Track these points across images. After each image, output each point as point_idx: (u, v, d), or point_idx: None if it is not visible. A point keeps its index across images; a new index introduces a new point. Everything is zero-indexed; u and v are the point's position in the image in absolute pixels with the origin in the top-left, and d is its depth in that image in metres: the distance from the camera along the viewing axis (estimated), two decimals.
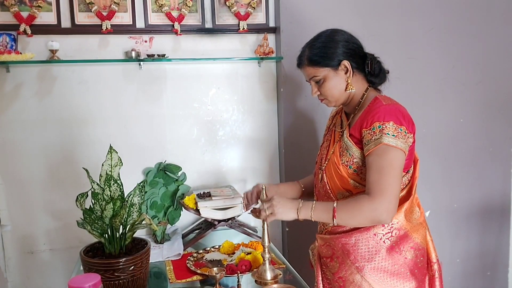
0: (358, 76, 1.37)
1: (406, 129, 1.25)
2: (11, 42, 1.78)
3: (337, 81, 1.36)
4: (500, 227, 2.48)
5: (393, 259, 1.29)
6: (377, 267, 1.29)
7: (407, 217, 1.32)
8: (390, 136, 1.22)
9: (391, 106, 1.28)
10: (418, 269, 1.33)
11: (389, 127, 1.23)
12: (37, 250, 1.95)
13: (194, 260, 1.67)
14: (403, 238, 1.30)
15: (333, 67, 1.34)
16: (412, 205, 1.35)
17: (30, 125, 1.88)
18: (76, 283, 1.01)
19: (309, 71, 1.39)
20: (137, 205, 1.36)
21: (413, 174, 1.37)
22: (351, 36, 1.39)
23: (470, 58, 2.31)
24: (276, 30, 2.06)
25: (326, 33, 1.40)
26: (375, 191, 1.21)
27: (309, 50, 1.39)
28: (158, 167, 1.98)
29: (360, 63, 1.37)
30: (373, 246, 1.29)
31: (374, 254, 1.29)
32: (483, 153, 2.40)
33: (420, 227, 1.35)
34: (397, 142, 1.22)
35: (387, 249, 1.29)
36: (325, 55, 1.35)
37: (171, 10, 1.93)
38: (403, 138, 1.23)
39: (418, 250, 1.33)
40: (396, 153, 1.23)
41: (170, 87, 2.01)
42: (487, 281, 2.50)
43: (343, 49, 1.35)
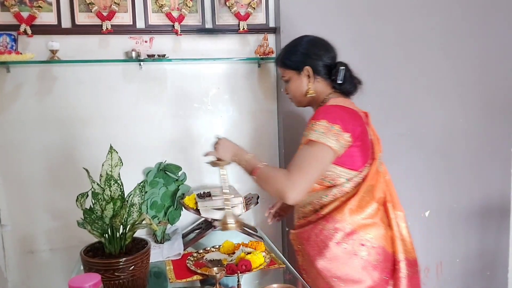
0: (322, 82, 1.49)
1: (340, 127, 1.31)
2: (12, 42, 1.78)
3: (299, 84, 1.50)
4: (500, 227, 2.48)
5: (341, 254, 1.37)
6: (326, 261, 1.38)
7: (352, 215, 1.38)
8: (318, 132, 1.31)
9: (331, 107, 1.39)
10: (372, 266, 1.37)
11: (321, 124, 1.32)
12: (37, 249, 1.95)
13: (194, 260, 1.67)
14: (349, 234, 1.37)
15: (297, 71, 1.49)
16: (362, 204, 1.39)
17: (30, 125, 1.88)
18: (76, 283, 1.01)
19: (280, 71, 1.57)
20: (137, 205, 1.36)
21: (367, 173, 1.41)
22: (324, 45, 1.51)
23: (470, 58, 2.31)
24: (276, 30, 2.06)
25: (300, 39, 1.53)
26: (294, 169, 1.32)
27: (284, 52, 1.54)
28: (158, 167, 1.98)
29: (327, 70, 1.48)
30: (321, 241, 1.39)
31: (322, 249, 1.39)
32: (483, 153, 2.40)
33: (373, 225, 1.40)
34: (325, 139, 1.30)
35: (334, 244, 1.37)
36: (292, 59, 1.50)
37: (171, 11, 1.93)
38: (334, 136, 1.31)
39: (372, 248, 1.38)
40: (321, 148, 1.31)
41: (170, 87, 2.01)
42: (487, 281, 2.50)
43: (310, 56, 1.47)
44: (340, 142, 1.32)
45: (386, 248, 1.40)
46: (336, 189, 1.41)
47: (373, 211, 1.41)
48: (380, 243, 1.39)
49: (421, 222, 2.36)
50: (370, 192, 1.41)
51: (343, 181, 1.40)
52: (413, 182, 2.31)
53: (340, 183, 1.41)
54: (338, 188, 1.41)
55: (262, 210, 2.15)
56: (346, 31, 2.12)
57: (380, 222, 1.41)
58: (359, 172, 1.41)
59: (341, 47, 2.12)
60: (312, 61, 1.46)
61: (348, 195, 1.40)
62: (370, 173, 1.41)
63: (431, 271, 2.41)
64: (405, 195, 2.29)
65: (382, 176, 1.47)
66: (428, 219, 2.37)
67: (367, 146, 1.43)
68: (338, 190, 1.41)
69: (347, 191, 1.41)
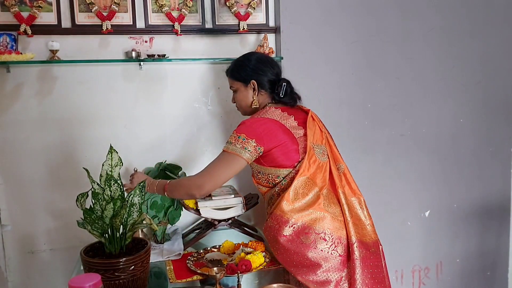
0: (265, 95, 1.67)
1: (245, 136, 1.51)
2: (12, 42, 1.78)
3: (245, 95, 1.68)
4: (500, 227, 2.48)
5: (290, 246, 1.47)
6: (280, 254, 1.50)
7: (290, 206, 1.49)
8: (228, 143, 1.53)
9: (247, 120, 1.58)
10: (321, 252, 1.46)
11: (232, 136, 1.54)
12: (37, 250, 1.95)
13: (194, 260, 1.67)
14: (292, 225, 1.48)
15: (244, 84, 1.67)
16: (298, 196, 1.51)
17: (30, 125, 1.88)
18: (76, 283, 1.01)
19: (229, 81, 1.73)
20: (137, 205, 1.36)
21: (299, 168, 1.53)
22: (269, 63, 1.68)
23: (470, 58, 2.31)
24: (276, 30, 2.07)
25: (249, 55, 1.71)
26: (198, 173, 1.57)
27: (234, 65, 1.72)
28: (158, 167, 1.98)
29: (271, 85, 1.65)
30: (273, 236, 1.51)
31: (274, 244, 1.51)
32: (483, 153, 2.40)
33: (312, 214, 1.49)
34: (233, 148, 1.51)
35: (282, 238, 1.47)
36: (240, 72, 1.67)
37: (171, 11, 1.93)
38: (240, 144, 1.51)
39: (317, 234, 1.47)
40: (229, 157, 1.52)
41: (170, 87, 2.01)
42: (487, 281, 2.50)
43: (256, 71, 1.64)
44: (245, 149, 1.50)
45: (334, 233, 1.49)
46: (277, 188, 1.58)
47: (312, 201, 1.51)
48: (325, 230, 1.48)
49: (421, 222, 2.36)
50: (308, 183, 1.52)
51: (280, 179, 1.57)
52: (413, 182, 2.32)
53: (278, 181, 1.57)
54: (278, 186, 1.58)
55: (262, 210, 2.16)
56: (346, 31, 2.12)
57: (320, 211, 1.50)
58: (293, 168, 1.55)
59: (341, 46, 2.14)
60: (258, 76, 1.64)
61: (283, 190, 1.55)
62: (302, 167, 1.52)
63: (431, 271, 2.41)
64: (405, 195, 2.31)
65: (326, 165, 1.58)
66: (428, 219, 2.37)
67: (292, 143, 1.55)
68: (278, 188, 1.58)
69: (284, 187, 1.55)
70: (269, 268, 1.60)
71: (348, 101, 2.17)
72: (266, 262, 1.60)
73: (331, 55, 2.11)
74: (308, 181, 1.53)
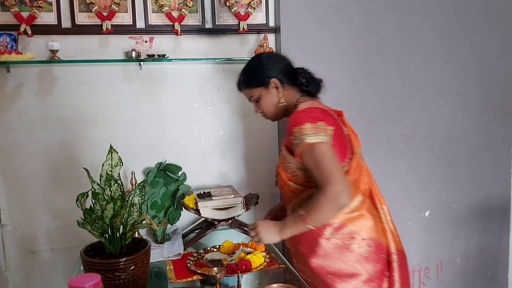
0: (290, 90, 1.54)
1: (324, 123, 1.36)
2: (12, 42, 1.78)
3: (270, 98, 1.54)
4: (500, 227, 2.48)
5: (333, 250, 1.39)
6: (319, 258, 1.40)
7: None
8: (310, 135, 1.34)
9: (304, 110, 1.42)
10: (365, 259, 1.39)
11: (306, 127, 1.35)
12: (37, 250, 1.95)
13: (194, 260, 1.67)
14: (338, 229, 1.39)
15: (264, 86, 1.53)
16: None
17: (30, 125, 1.88)
18: (76, 283, 1.01)
19: (246, 93, 1.60)
20: (138, 205, 1.37)
21: (348, 169, 1.42)
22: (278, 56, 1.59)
23: (470, 58, 2.31)
24: (276, 30, 2.07)
25: (256, 58, 1.62)
26: (322, 183, 1.32)
27: (243, 75, 1.60)
28: (158, 167, 1.99)
29: (290, 78, 1.54)
30: (312, 239, 1.41)
31: (314, 247, 1.41)
32: (483, 153, 2.40)
33: (361, 218, 1.41)
34: (318, 138, 1.33)
35: (325, 241, 1.39)
36: (256, 77, 1.55)
37: (171, 11, 1.93)
38: (324, 131, 1.34)
39: (363, 240, 1.40)
40: (322, 146, 1.33)
41: (171, 87, 2.01)
42: (487, 281, 2.50)
43: (270, 69, 1.53)
44: (328, 135, 1.35)
45: (376, 239, 1.42)
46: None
47: (359, 204, 1.43)
48: (370, 235, 1.41)
49: (421, 222, 2.36)
50: (354, 185, 1.42)
51: None
52: (413, 182, 2.32)
53: None
54: None
55: (262, 210, 2.16)
56: (346, 31, 2.12)
57: (367, 214, 1.43)
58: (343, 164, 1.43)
59: (341, 46, 2.14)
60: (275, 73, 1.53)
61: None
62: (351, 167, 1.43)
63: (431, 271, 2.41)
64: (405, 195, 2.31)
65: (364, 169, 1.51)
66: (428, 219, 2.37)
67: (344, 142, 1.45)
68: None
69: None
70: (269, 268, 1.60)
71: (348, 101, 2.16)
72: (266, 262, 1.61)
73: (331, 55, 2.11)
74: (355, 183, 1.44)
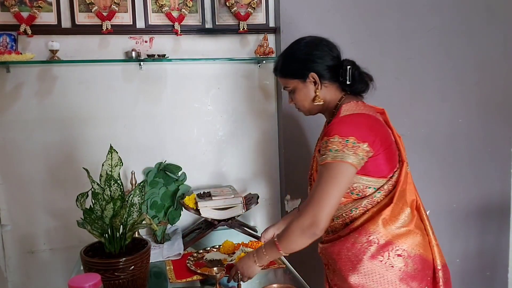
0: (331, 86, 1.36)
1: (355, 139, 1.20)
2: (12, 43, 1.78)
3: (306, 93, 1.36)
4: (500, 227, 2.48)
5: (377, 268, 1.26)
6: (360, 276, 1.27)
7: (387, 226, 1.27)
8: (333, 152, 1.21)
9: (342, 118, 1.27)
10: (410, 277, 1.27)
11: (334, 141, 1.21)
12: (37, 249, 1.95)
13: (194, 260, 1.67)
14: (384, 246, 1.26)
15: (302, 79, 1.35)
16: (396, 212, 1.29)
17: (30, 125, 1.88)
18: (76, 283, 1.01)
19: (282, 81, 1.42)
20: (137, 205, 1.37)
21: (397, 178, 1.31)
22: (325, 46, 1.37)
23: (470, 58, 2.31)
24: (276, 30, 2.06)
25: (298, 43, 1.40)
26: (305, 207, 1.24)
27: (282, 60, 1.41)
28: (158, 167, 1.98)
29: (333, 73, 1.35)
30: (354, 255, 1.28)
31: (356, 264, 1.27)
32: (482, 153, 2.40)
33: (409, 234, 1.29)
34: (342, 156, 1.20)
35: (369, 258, 1.26)
36: (294, 68, 1.36)
37: (171, 11, 1.93)
38: (351, 150, 1.20)
39: (409, 257, 1.27)
40: (340, 167, 1.20)
41: (170, 87, 2.01)
42: (487, 281, 2.50)
43: (313, 61, 1.34)
44: (358, 155, 1.21)
45: (423, 256, 1.30)
46: (367, 200, 1.29)
47: (408, 218, 1.30)
48: (417, 251, 1.28)
49: None
50: (402, 197, 1.30)
51: (372, 191, 1.29)
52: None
53: (369, 193, 1.29)
54: (368, 199, 1.29)
55: (262, 210, 2.16)
56: (346, 31, 2.12)
57: (415, 229, 1.30)
58: (388, 179, 1.30)
59: (341, 46, 2.12)
60: (316, 66, 1.33)
61: (379, 205, 1.29)
62: (401, 178, 1.29)
63: None
64: None
65: (410, 177, 1.37)
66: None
67: (393, 150, 1.32)
68: (369, 201, 1.29)
69: (378, 201, 1.29)
70: (269, 268, 1.60)
71: None
72: None
73: None
74: (403, 195, 1.30)
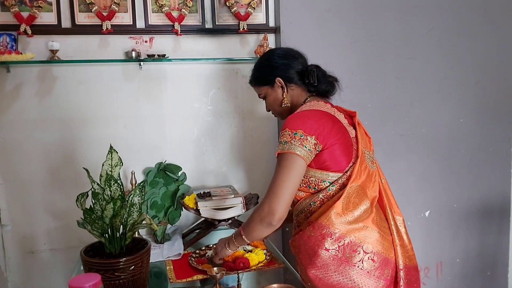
0: (297, 89, 1.49)
1: (303, 132, 1.29)
2: (12, 42, 1.78)
3: (275, 97, 1.51)
4: (500, 227, 2.48)
5: (332, 262, 1.28)
6: (317, 270, 1.29)
7: (338, 218, 1.29)
8: (282, 144, 1.31)
9: (296, 114, 1.38)
10: (367, 274, 1.28)
11: (285, 134, 1.32)
12: (37, 250, 1.95)
13: (197, 257, 1.67)
14: (339, 240, 1.28)
15: (270, 85, 1.50)
16: (349, 205, 1.31)
17: (30, 125, 1.88)
18: (76, 283, 1.01)
19: (256, 90, 1.58)
20: (137, 205, 1.37)
21: (351, 174, 1.33)
22: (291, 54, 1.50)
23: (470, 58, 2.31)
24: (276, 30, 2.07)
25: (267, 54, 1.57)
26: (265, 196, 1.32)
27: (252, 71, 1.58)
28: (158, 167, 1.98)
29: (300, 77, 1.47)
30: (310, 248, 1.30)
31: (312, 257, 1.29)
32: (482, 153, 2.40)
33: (364, 229, 1.30)
34: (290, 147, 1.29)
35: (324, 252, 1.28)
36: (262, 75, 1.53)
37: (171, 11, 1.93)
38: (298, 141, 1.29)
39: (365, 253, 1.29)
40: (288, 158, 1.29)
41: (170, 87, 2.01)
42: (487, 281, 2.50)
43: (278, 67, 1.48)
44: (305, 147, 1.28)
45: (382, 254, 1.31)
46: (322, 194, 1.34)
47: (364, 214, 1.32)
48: (376, 249, 1.30)
49: (421, 222, 2.36)
50: (359, 192, 1.33)
51: (327, 185, 1.34)
52: (413, 182, 2.32)
53: (324, 187, 1.34)
54: (323, 192, 1.34)
55: None
56: (346, 31, 2.12)
57: (373, 226, 1.32)
58: (343, 174, 1.34)
59: (341, 46, 2.14)
60: (282, 72, 1.47)
61: (334, 198, 1.33)
62: (354, 172, 1.33)
63: (431, 271, 2.41)
64: (405, 195, 2.31)
65: (375, 174, 1.42)
66: (428, 219, 2.37)
67: (348, 145, 1.37)
68: (324, 194, 1.34)
69: (332, 194, 1.34)
70: (269, 268, 1.60)
71: (348, 101, 2.15)
72: (267, 260, 1.61)
73: (331, 55, 2.11)
74: (360, 190, 1.33)
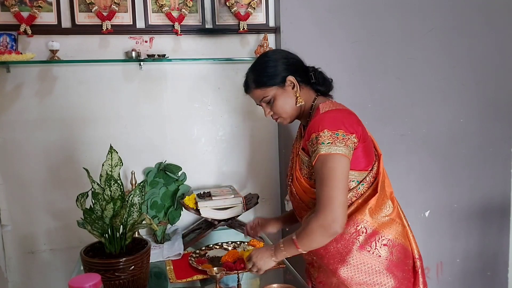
0: (305, 89, 1.42)
1: (344, 132, 1.26)
2: (12, 42, 1.78)
3: (286, 97, 1.40)
4: (500, 227, 2.48)
5: (365, 258, 1.31)
6: (350, 268, 1.31)
7: (373, 215, 1.33)
8: (325, 145, 1.25)
9: (325, 114, 1.32)
10: (395, 266, 1.33)
11: (324, 135, 1.26)
12: (37, 250, 1.95)
13: (197, 257, 1.68)
14: (372, 236, 1.32)
15: (280, 85, 1.39)
16: (380, 202, 1.35)
17: (30, 125, 1.88)
18: (76, 283, 1.01)
19: (258, 94, 1.42)
20: (137, 205, 1.37)
21: (377, 170, 1.37)
22: (289, 53, 1.45)
23: (470, 58, 2.31)
24: (276, 30, 2.06)
25: (265, 54, 1.46)
26: (319, 205, 1.24)
27: (253, 73, 1.43)
28: (158, 167, 1.98)
29: (304, 76, 1.42)
30: (343, 246, 1.31)
31: (345, 256, 1.31)
32: (483, 153, 2.40)
33: (392, 223, 1.36)
34: (335, 148, 1.24)
35: (357, 249, 1.31)
36: (269, 75, 1.39)
37: (171, 11, 1.93)
38: (342, 142, 1.25)
39: (393, 247, 1.33)
40: (336, 159, 1.24)
41: (170, 87, 2.01)
42: (487, 281, 2.50)
43: (285, 65, 1.39)
44: (348, 147, 1.26)
45: (404, 245, 1.37)
46: (351, 193, 1.33)
47: (390, 208, 1.37)
48: (400, 241, 1.35)
49: (421, 222, 2.36)
50: (383, 188, 1.37)
51: (355, 184, 1.34)
52: (413, 182, 2.31)
53: (353, 186, 1.33)
54: (352, 191, 1.33)
55: (262, 210, 2.16)
56: (346, 31, 2.12)
57: (397, 219, 1.38)
58: (369, 172, 1.35)
59: (341, 46, 2.13)
60: (291, 70, 1.40)
61: (364, 196, 1.34)
62: (379, 170, 1.36)
63: (431, 271, 2.41)
64: (405, 195, 2.31)
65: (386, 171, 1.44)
66: (428, 219, 2.37)
67: (370, 144, 1.38)
68: (353, 193, 1.34)
69: (362, 193, 1.34)
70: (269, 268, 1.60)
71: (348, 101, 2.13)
72: None
73: (331, 55, 2.11)
74: (383, 187, 1.37)
